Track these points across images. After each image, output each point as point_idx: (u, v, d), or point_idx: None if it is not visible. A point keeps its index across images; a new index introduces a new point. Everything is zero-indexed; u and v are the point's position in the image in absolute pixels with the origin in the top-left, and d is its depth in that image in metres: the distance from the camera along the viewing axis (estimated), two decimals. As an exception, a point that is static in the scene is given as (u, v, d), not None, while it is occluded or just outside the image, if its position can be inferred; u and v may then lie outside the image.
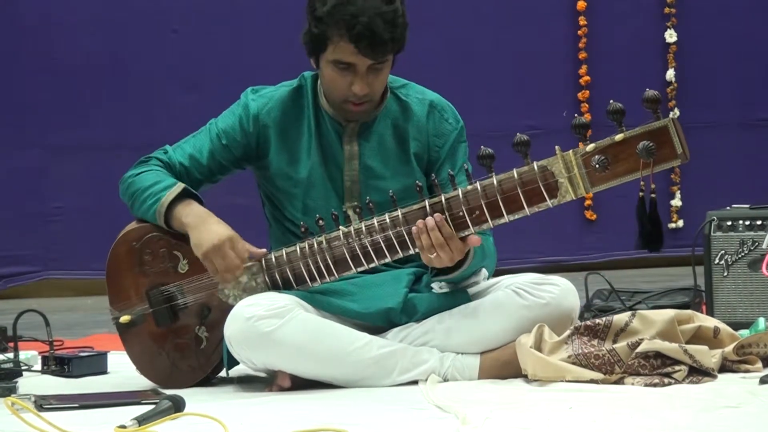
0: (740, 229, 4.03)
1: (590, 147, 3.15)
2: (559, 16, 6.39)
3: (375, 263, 3.31)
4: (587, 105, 6.39)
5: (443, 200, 3.24)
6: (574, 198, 3.19)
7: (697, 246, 4.11)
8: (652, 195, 3.15)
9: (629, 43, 6.42)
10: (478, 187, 3.22)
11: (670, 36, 6.40)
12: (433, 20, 6.22)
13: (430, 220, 3.22)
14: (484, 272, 3.45)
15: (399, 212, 3.27)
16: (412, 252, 3.28)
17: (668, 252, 5.94)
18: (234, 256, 3.34)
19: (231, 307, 3.32)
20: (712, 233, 4.05)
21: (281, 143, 3.44)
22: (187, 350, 3.43)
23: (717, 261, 4.04)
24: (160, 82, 6.20)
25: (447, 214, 3.23)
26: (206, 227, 3.35)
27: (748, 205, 4.15)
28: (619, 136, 3.13)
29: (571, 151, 3.17)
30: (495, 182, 3.20)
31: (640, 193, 3.15)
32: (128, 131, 6.13)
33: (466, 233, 3.24)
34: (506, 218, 3.21)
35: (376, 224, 3.29)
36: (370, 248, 3.29)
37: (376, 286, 3.39)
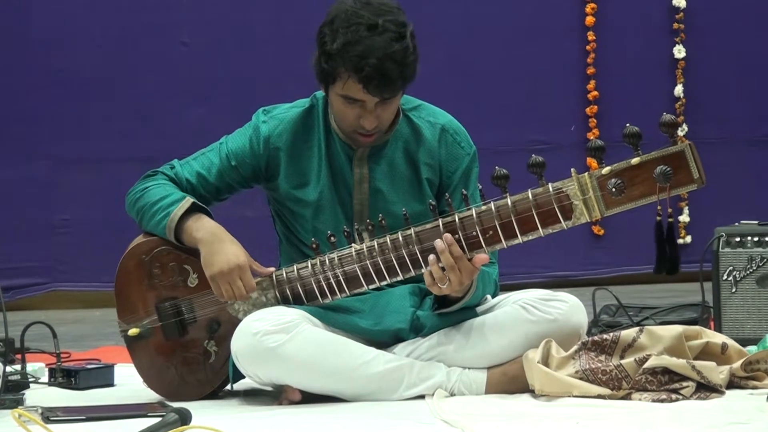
0: (748, 245, 4.03)
1: (606, 170, 3.16)
2: (567, 32, 6.40)
3: (387, 281, 3.30)
4: (595, 120, 6.39)
5: (457, 219, 3.23)
6: (589, 220, 3.20)
7: (705, 262, 4.11)
8: (669, 219, 3.15)
9: (637, 59, 6.43)
10: (492, 208, 3.21)
11: (679, 51, 6.41)
12: (441, 35, 6.23)
13: (439, 242, 3.22)
14: (488, 297, 3.44)
15: (412, 230, 3.27)
16: (424, 270, 3.27)
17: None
18: (241, 285, 3.33)
19: (240, 321, 3.32)
20: (720, 249, 4.04)
21: (291, 166, 3.43)
22: (195, 364, 3.42)
23: (725, 277, 4.03)
24: (169, 94, 6.21)
25: (460, 233, 3.22)
26: (218, 247, 3.34)
27: (756, 221, 4.15)
28: (635, 160, 3.14)
29: (586, 173, 3.17)
30: (509, 203, 3.20)
31: (657, 218, 3.15)
32: (137, 143, 6.15)
33: (476, 252, 3.23)
34: (520, 239, 3.21)
35: (389, 242, 3.28)
36: (382, 266, 3.29)
37: (383, 304, 3.39)
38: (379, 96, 3.27)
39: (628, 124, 3.15)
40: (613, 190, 3.13)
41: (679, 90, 6.41)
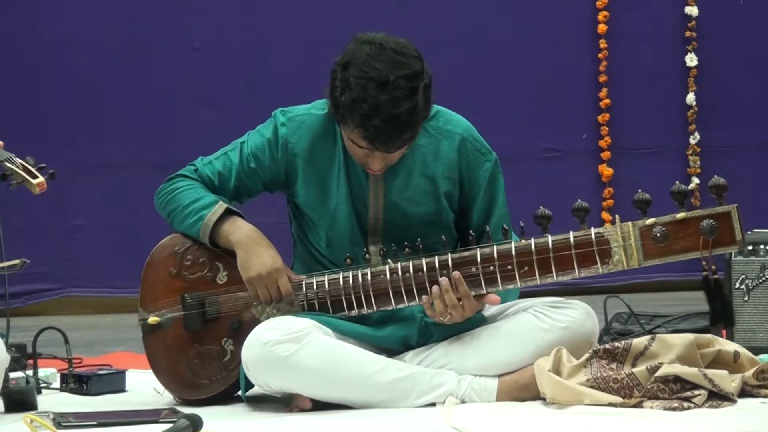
0: (761, 253, 4.02)
1: (650, 221, 3.22)
2: (579, 39, 6.40)
3: (416, 303, 3.33)
4: (607, 128, 6.38)
5: (495, 252, 3.26)
6: (626, 268, 3.25)
7: (717, 270, 4.09)
8: (715, 276, 3.19)
9: (649, 67, 6.42)
10: (532, 244, 3.26)
11: (691, 59, 6.40)
12: (455, 43, 6.23)
13: (444, 281, 3.25)
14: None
15: (449, 256, 3.29)
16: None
17: (688, 276, 5.93)
18: (277, 289, 3.35)
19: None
20: (733, 258, 4.04)
21: (310, 173, 3.42)
22: (209, 360, 3.42)
23: (738, 285, 4.02)
24: (181, 100, 6.22)
25: (496, 264, 3.26)
26: (256, 250, 3.36)
27: (769, 230, 4.14)
28: (680, 215, 3.21)
29: (630, 222, 3.23)
30: (549, 240, 3.25)
31: (704, 273, 3.21)
32: (149, 149, 6.16)
33: (489, 291, 3.28)
34: (554, 277, 3.27)
35: (424, 265, 3.30)
36: (414, 287, 3.31)
37: (392, 311, 3.39)
38: (384, 151, 3.27)
39: (677, 182, 3.24)
40: (658, 235, 3.19)
41: (691, 98, 6.40)
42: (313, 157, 3.42)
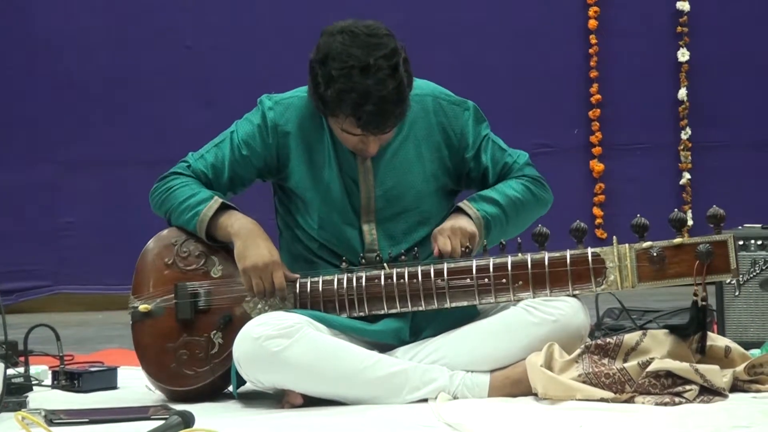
0: (752, 248, 4.03)
1: (646, 244, 3.27)
2: (570, 35, 6.41)
3: (408, 309, 3.34)
4: (598, 123, 6.39)
5: (491, 265, 3.30)
6: (620, 289, 3.29)
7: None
8: (703, 302, 3.23)
9: (641, 62, 6.44)
10: (528, 258, 3.29)
11: (683, 55, 6.41)
12: (446, 38, 6.23)
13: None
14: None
15: (444, 266, 3.31)
16: (447, 306, 3.33)
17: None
18: (271, 282, 3.36)
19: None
20: (723, 253, 4.04)
21: (302, 152, 3.44)
22: (196, 351, 3.42)
23: (728, 280, 4.03)
24: (172, 97, 6.22)
25: (491, 275, 3.30)
26: (254, 242, 3.37)
27: (760, 225, 4.14)
28: (677, 240, 3.27)
29: (627, 244, 3.28)
30: (546, 256, 3.29)
31: (694, 297, 3.24)
32: (140, 147, 6.16)
33: (482, 302, 3.33)
34: (548, 293, 3.30)
35: (419, 273, 3.32)
36: (408, 294, 3.33)
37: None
38: (379, 133, 3.30)
39: (676, 210, 3.30)
40: (654, 255, 3.24)
41: (682, 93, 6.41)
42: (303, 136, 3.44)
